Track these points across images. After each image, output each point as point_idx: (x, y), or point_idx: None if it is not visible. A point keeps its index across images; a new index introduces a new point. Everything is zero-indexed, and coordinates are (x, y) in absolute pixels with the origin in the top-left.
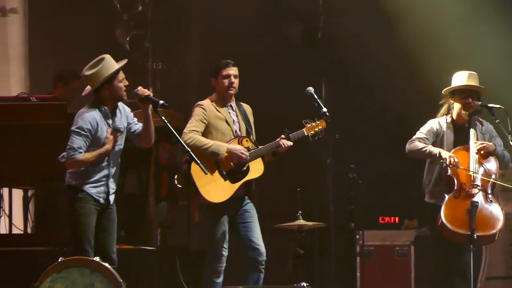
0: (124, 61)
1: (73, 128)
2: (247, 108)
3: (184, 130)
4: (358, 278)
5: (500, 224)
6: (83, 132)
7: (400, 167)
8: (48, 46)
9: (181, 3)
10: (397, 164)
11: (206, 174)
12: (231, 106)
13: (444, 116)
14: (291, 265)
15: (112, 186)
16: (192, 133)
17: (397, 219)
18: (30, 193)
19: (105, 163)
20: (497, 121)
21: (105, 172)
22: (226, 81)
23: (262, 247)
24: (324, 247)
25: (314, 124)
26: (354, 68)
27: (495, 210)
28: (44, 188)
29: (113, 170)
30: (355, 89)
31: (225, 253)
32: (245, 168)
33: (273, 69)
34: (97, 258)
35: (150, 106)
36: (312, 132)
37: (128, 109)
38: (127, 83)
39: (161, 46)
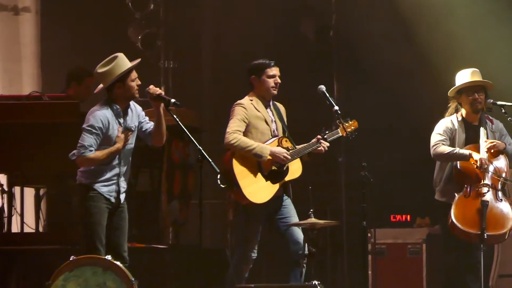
0: (137, 60)
1: (84, 126)
2: (281, 107)
3: (228, 130)
4: (370, 276)
5: (510, 223)
6: (94, 130)
7: (412, 165)
8: (60, 45)
9: (193, 1)
10: (409, 162)
11: (218, 172)
12: (269, 105)
13: (455, 114)
14: (303, 263)
15: (123, 185)
16: (236, 133)
17: (409, 217)
18: (42, 191)
19: (116, 162)
20: (509, 119)
21: (116, 171)
22: (271, 81)
23: (302, 241)
24: (336, 245)
25: (347, 124)
26: (366, 66)
27: (506, 208)
28: (56, 187)
29: (124, 169)
30: (367, 87)
31: (254, 255)
32: (284, 169)
33: (285, 67)
34: (109, 257)
35: (162, 104)
36: (346, 132)
37: (139, 108)
38: (139, 82)
39: (173, 44)
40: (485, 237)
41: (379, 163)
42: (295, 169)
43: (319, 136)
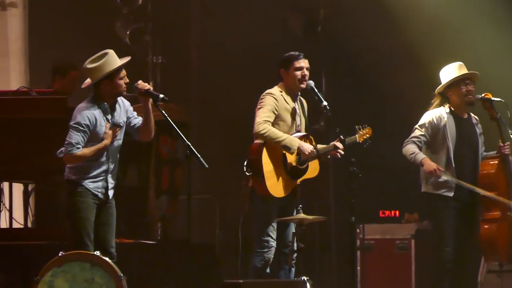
0: (127, 58)
1: (71, 123)
2: (304, 102)
3: (258, 120)
4: (359, 272)
5: None
6: (81, 128)
7: (400, 161)
8: (48, 40)
9: None
10: (397, 157)
11: (206, 167)
12: (297, 99)
13: (442, 107)
14: (292, 261)
15: (111, 181)
16: (266, 123)
17: (397, 212)
18: (30, 187)
19: (104, 158)
20: (498, 114)
21: (104, 167)
22: (299, 73)
23: (291, 235)
24: (325, 241)
25: (364, 131)
26: (354, 61)
27: None
28: (45, 182)
29: (112, 165)
30: (355, 82)
31: (274, 244)
32: (304, 166)
33: (273, 63)
34: (97, 252)
35: (150, 100)
36: (362, 139)
37: (127, 103)
38: (127, 80)
39: (161, 39)
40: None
41: (367, 158)
42: (314, 168)
43: (338, 139)
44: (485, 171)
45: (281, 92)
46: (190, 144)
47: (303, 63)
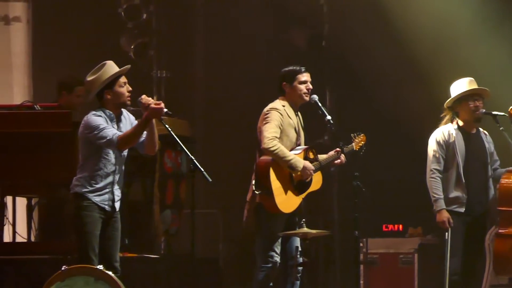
0: (126, 67)
1: (89, 131)
2: (299, 115)
3: (267, 135)
4: (362, 286)
5: None
6: (102, 125)
7: (404, 175)
8: (51, 55)
9: (185, 11)
10: (401, 171)
11: (210, 181)
12: (297, 113)
13: (450, 124)
14: (297, 275)
15: (117, 193)
16: (276, 140)
17: (401, 226)
18: (33, 201)
19: (111, 170)
20: (501, 128)
21: (110, 179)
22: (303, 87)
23: (297, 248)
24: (329, 255)
25: (359, 138)
26: (358, 76)
27: None
28: (48, 196)
29: (117, 177)
30: (359, 97)
31: (278, 259)
32: (308, 180)
33: (278, 77)
34: (101, 267)
35: None
36: (358, 147)
37: (132, 117)
38: (130, 88)
39: (165, 54)
40: None
41: (371, 172)
42: (317, 181)
43: (338, 149)
44: (505, 185)
45: (283, 106)
46: (194, 158)
47: (307, 76)
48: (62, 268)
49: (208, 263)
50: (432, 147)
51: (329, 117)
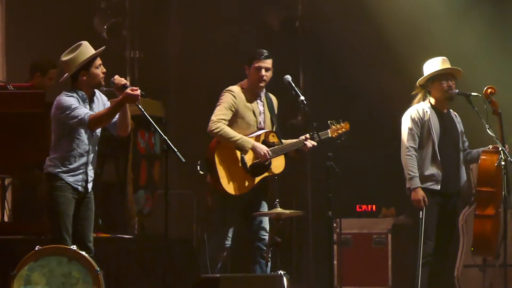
0: (102, 48)
1: (61, 111)
2: (274, 99)
3: (212, 118)
4: (336, 266)
5: None
6: (74, 104)
7: (377, 156)
8: (25, 34)
9: None
10: (374, 152)
11: (183, 162)
12: (259, 96)
13: (422, 102)
14: (268, 253)
15: (91, 174)
16: (221, 122)
17: (374, 207)
18: (7, 181)
19: (84, 150)
20: (475, 108)
21: (84, 159)
22: (257, 74)
23: (267, 230)
24: (302, 235)
25: (339, 126)
26: (332, 57)
27: None
28: (22, 177)
29: (91, 157)
30: (333, 77)
31: (228, 243)
32: (267, 163)
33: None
34: (74, 247)
35: None
36: (336, 134)
37: (105, 98)
38: (104, 70)
39: (139, 34)
40: None
41: (344, 153)
42: (278, 165)
43: (307, 135)
44: (485, 166)
45: (242, 89)
46: (167, 138)
47: (263, 63)
48: (36, 249)
49: (181, 244)
50: (407, 124)
51: (302, 98)
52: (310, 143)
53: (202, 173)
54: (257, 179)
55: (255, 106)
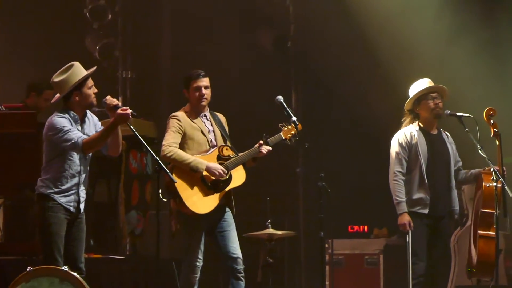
0: (93, 68)
1: (53, 132)
2: (221, 117)
3: (163, 143)
4: (328, 287)
5: None
6: (67, 127)
7: (369, 176)
8: (16, 55)
9: (151, 11)
10: (366, 173)
11: (175, 182)
12: (205, 115)
13: (411, 125)
14: (260, 274)
15: (83, 194)
16: (172, 146)
17: (366, 227)
18: None
19: (76, 170)
20: (466, 129)
21: (75, 180)
22: (197, 93)
23: (239, 256)
24: (294, 256)
25: (290, 127)
26: (324, 77)
27: None
28: (14, 197)
29: (83, 178)
30: (325, 98)
31: (199, 264)
32: (227, 177)
33: (243, 78)
34: (65, 268)
35: None
36: (289, 135)
37: (96, 118)
38: (96, 90)
39: (131, 55)
40: None
41: (336, 174)
42: (238, 176)
43: (261, 142)
44: (491, 188)
45: (186, 112)
46: (159, 159)
47: (201, 82)
48: (28, 269)
49: (173, 264)
50: (394, 149)
51: (294, 118)
52: (265, 149)
53: (165, 200)
54: (221, 194)
55: (201, 125)
